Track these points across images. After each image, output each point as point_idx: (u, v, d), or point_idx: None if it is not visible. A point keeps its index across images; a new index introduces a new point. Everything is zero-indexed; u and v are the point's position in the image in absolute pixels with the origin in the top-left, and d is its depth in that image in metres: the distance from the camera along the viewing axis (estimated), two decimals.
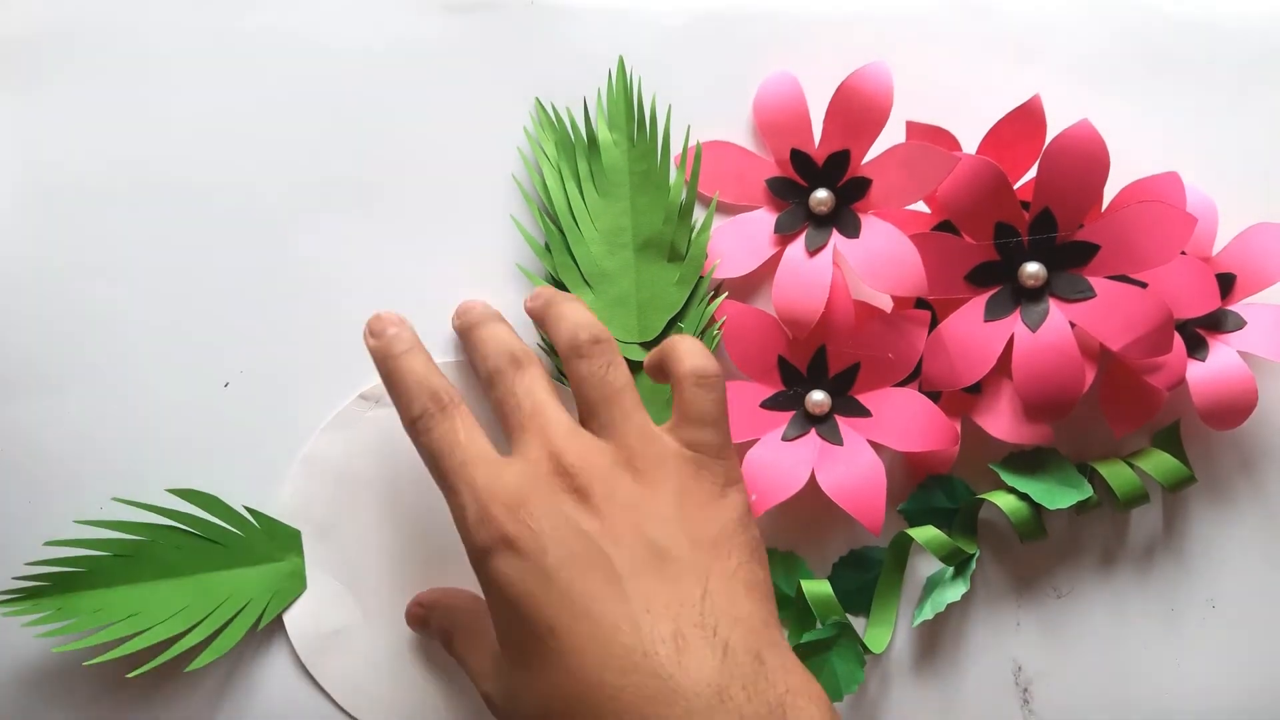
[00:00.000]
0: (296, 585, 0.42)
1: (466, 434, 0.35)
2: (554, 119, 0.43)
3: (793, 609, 0.43)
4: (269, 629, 0.42)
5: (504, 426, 0.36)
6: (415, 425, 0.36)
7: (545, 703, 0.32)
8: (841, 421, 0.42)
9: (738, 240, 0.43)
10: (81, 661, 0.40)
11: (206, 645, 0.40)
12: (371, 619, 0.42)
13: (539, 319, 0.40)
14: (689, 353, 0.36)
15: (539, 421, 0.35)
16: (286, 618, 0.42)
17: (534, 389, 0.36)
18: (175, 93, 0.44)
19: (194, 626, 0.40)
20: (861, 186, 0.42)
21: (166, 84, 0.44)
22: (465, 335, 0.40)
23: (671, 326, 0.42)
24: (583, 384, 0.36)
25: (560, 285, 0.42)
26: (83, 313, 0.42)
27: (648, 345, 0.42)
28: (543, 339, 0.42)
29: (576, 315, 0.38)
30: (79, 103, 0.43)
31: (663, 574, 0.32)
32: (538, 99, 0.43)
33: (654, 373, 0.38)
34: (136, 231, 0.43)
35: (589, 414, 0.36)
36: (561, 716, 0.32)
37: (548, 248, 0.42)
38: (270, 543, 0.41)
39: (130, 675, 0.40)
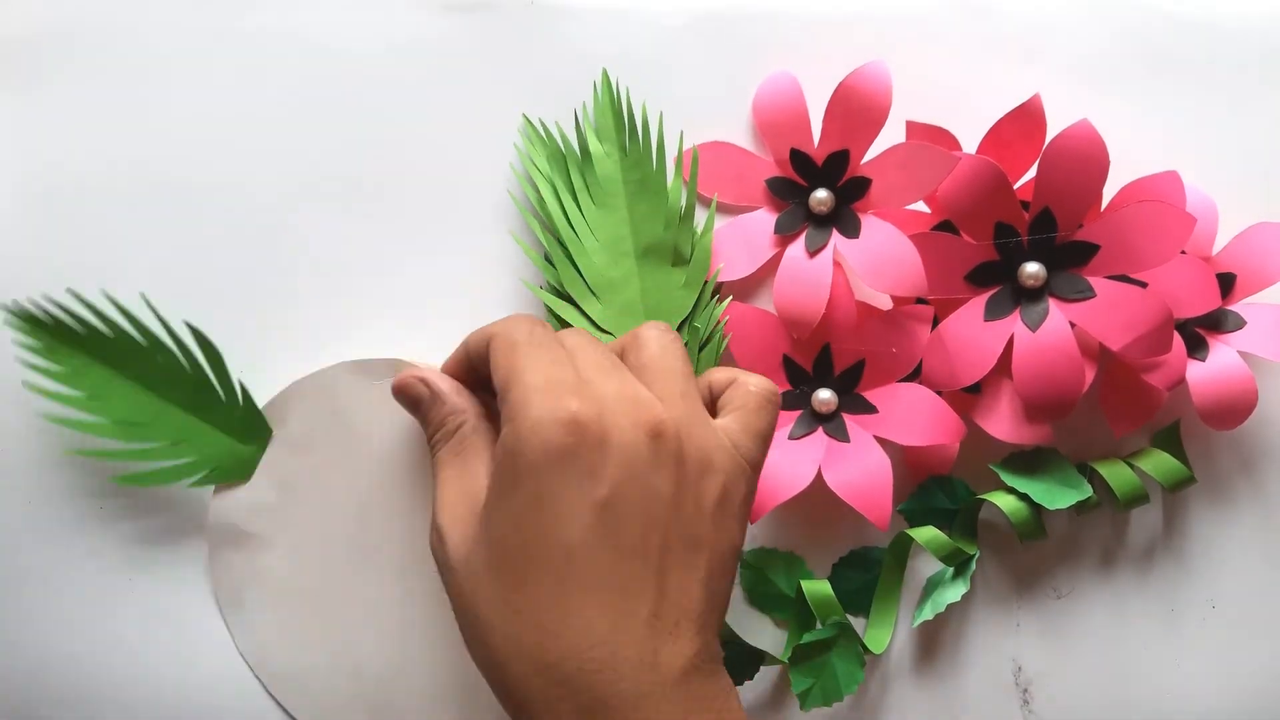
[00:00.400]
0: (241, 472, 0.42)
1: (544, 334, 0.34)
2: (543, 133, 0.43)
3: (793, 609, 0.43)
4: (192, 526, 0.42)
5: None
6: (507, 321, 0.35)
7: (515, 609, 0.31)
8: (848, 419, 0.42)
9: (738, 241, 0.43)
10: (42, 413, 0.41)
11: (141, 469, 0.41)
12: (283, 546, 0.42)
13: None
14: (751, 375, 0.36)
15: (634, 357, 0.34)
16: (215, 495, 0.42)
17: (595, 346, 0.35)
18: (175, 93, 0.44)
19: (142, 446, 0.41)
20: (861, 186, 0.42)
21: (166, 84, 0.44)
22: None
23: (682, 329, 0.42)
24: (664, 354, 0.34)
25: (566, 298, 0.42)
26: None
27: None
28: (550, 320, 0.42)
29: None
30: (79, 103, 0.43)
31: (690, 564, 0.32)
32: (525, 115, 0.43)
33: None
34: (136, 231, 0.43)
35: (658, 379, 0.34)
36: (531, 631, 0.31)
37: (549, 260, 0.42)
38: (242, 423, 0.42)
39: (68, 452, 0.42)
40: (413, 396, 0.37)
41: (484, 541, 0.32)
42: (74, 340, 0.41)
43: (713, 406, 0.36)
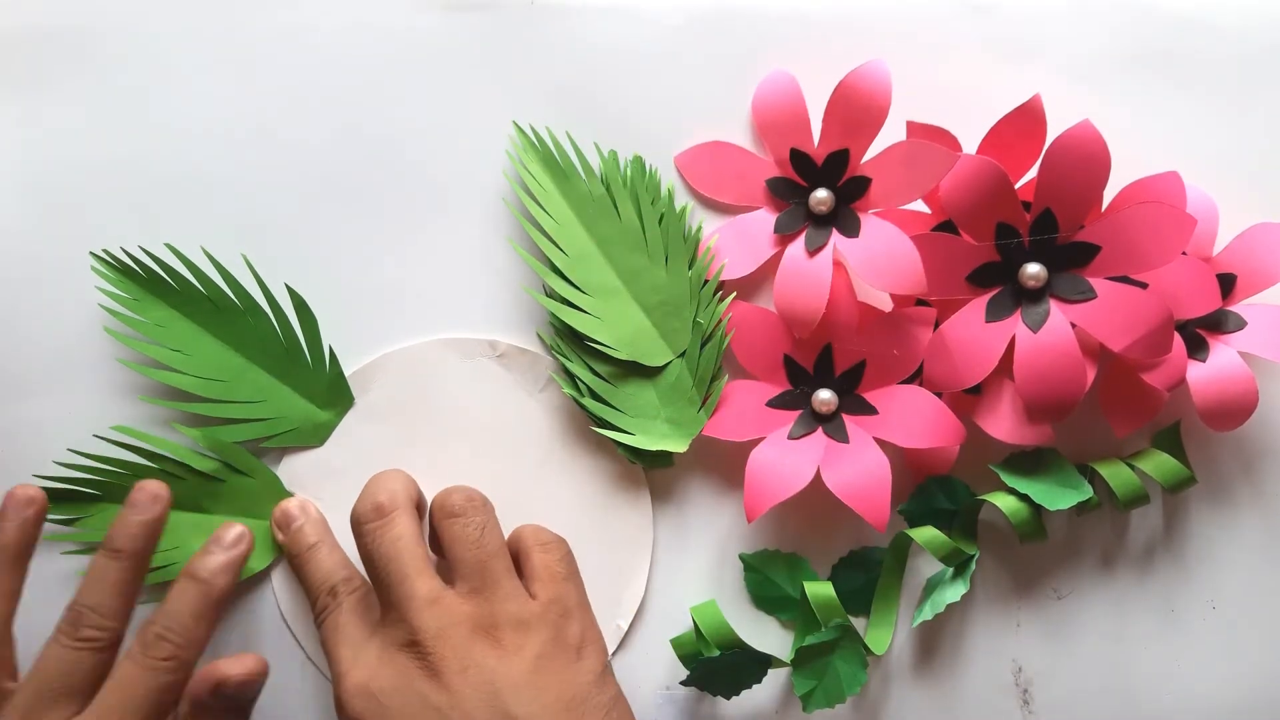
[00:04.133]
0: (317, 436, 0.43)
1: (345, 617, 0.38)
2: (535, 140, 0.43)
3: (798, 610, 0.43)
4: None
5: (374, 586, 0.38)
6: (316, 619, 0.39)
7: None
8: (848, 420, 0.42)
9: (738, 241, 0.43)
10: (118, 358, 0.42)
11: (229, 422, 0.42)
12: (346, 510, 0.42)
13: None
14: (529, 528, 0.40)
15: (400, 593, 0.37)
16: (286, 457, 0.43)
17: (396, 552, 0.37)
18: (174, 93, 0.43)
19: (221, 401, 0.42)
20: (861, 186, 0.41)
21: (166, 84, 0.43)
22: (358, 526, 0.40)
23: (695, 325, 0.42)
24: (454, 544, 0.38)
25: (567, 303, 0.42)
26: (84, 313, 0.42)
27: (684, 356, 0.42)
28: (553, 322, 0.43)
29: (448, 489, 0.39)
30: (79, 103, 0.43)
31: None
32: (514, 123, 0.43)
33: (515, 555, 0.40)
34: (136, 231, 0.43)
35: (459, 575, 0.38)
36: None
37: (549, 265, 0.42)
38: (325, 389, 0.42)
39: (143, 398, 0.42)
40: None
41: None
42: (164, 294, 0.42)
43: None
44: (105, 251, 0.42)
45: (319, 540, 0.40)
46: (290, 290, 0.42)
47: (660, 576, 0.43)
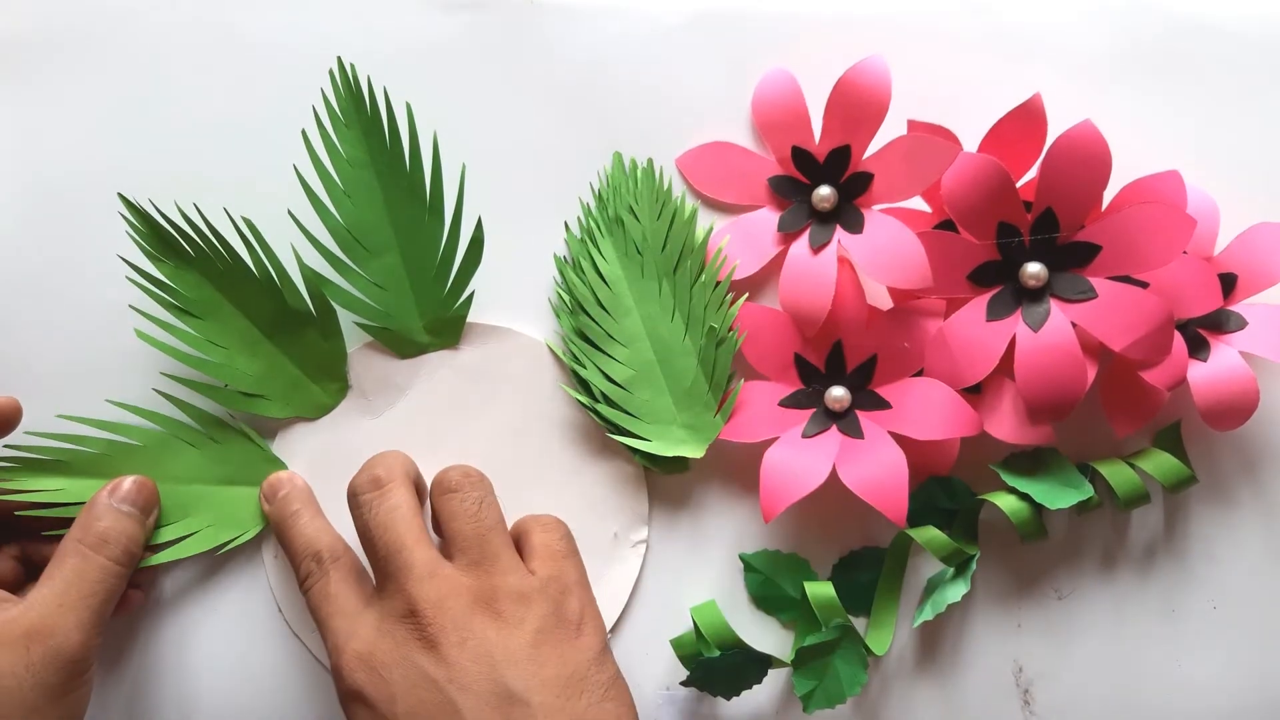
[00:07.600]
0: (409, 349, 0.43)
1: (335, 587, 0.38)
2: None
3: (798, 610, 0.42)
4: None
5: (369, 559, 0.38)
6: (301, 585, 0.39)
7: None
8: (861, 415, 0.42)
9: (742, 240, 0.43)
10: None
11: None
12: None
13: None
14: (528, 516, 0.40)
15: (397, 563, 0.36)
16: (363, 350, 0.43)
17: (392, 521, 0.37)
18: (174, 92, 0.44)
19: (355, 268, 0.42)
20: (864, 181, 0.42)
21: (166, 84, 0.43)
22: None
23: (710, 330, 0.42)
24: (453, 518, 0.38)
25: (583, 311, 0.42)
26: (82, 313, 0.42)
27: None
28: (562, 294, 0.43)
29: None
30: (79, 103, 0.43)
31: (510, 716, 0.34)
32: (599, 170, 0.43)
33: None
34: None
35: (457, 549, 0.37)
36: None
37: (570, 306, 0.43)
38: (444, 319, 0.43)
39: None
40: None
41: None
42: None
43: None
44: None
45: (301, 507, 0.40)
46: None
47: (660, 576, 0.43)
